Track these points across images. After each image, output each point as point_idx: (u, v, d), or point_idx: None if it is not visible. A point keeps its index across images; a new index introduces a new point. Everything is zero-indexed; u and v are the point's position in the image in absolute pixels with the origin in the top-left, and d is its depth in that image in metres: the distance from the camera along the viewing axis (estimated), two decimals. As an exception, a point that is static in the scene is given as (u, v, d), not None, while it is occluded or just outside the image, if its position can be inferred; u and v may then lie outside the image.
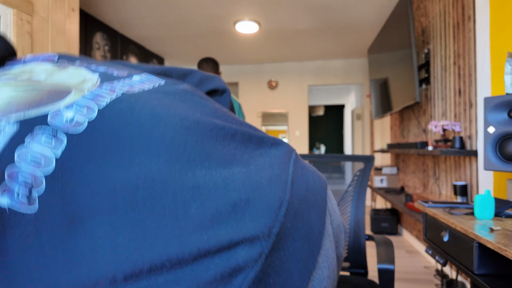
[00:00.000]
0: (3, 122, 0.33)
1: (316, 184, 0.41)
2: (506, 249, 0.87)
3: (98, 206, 0.29)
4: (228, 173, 0.34)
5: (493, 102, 1.31)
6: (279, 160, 0.39)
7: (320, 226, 0.36)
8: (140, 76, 0.45)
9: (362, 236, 1.30)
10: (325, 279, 0.35)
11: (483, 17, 1.89)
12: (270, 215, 0.32)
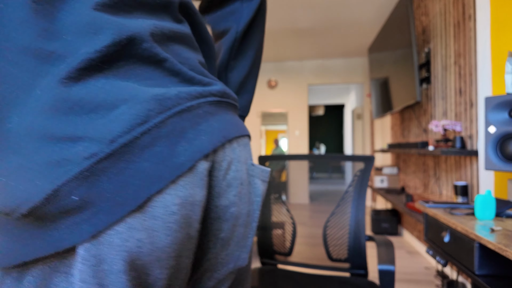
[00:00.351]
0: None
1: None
2: (507, 250, 0.87)
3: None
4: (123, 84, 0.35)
5: (494, 102, 1.31)
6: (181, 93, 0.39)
7: (187, 161, 0.36)
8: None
9: (363, 236, 1.29)
10: (175, 206, 0.34)
11: (483, 16, 1.89)
12: (125, 125, 0.32)
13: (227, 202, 0.43)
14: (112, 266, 0.32)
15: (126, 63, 0.36)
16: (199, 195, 0.37)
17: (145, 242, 0.33)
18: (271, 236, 1.42)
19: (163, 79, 0.39)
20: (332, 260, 1.34)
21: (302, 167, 1.40)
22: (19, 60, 0.32)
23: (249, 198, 0.46)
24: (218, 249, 0.44)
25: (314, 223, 1.38)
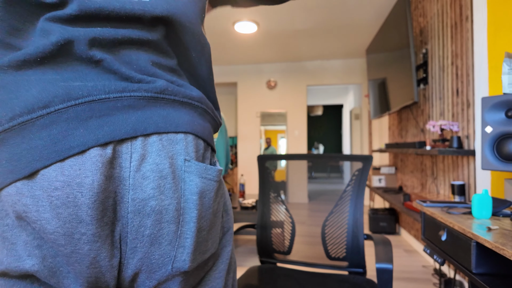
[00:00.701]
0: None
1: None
2: (503, 248, 0.87)
3: None
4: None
5: (490, 102, 1.32)
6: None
7: (78, 146, 0.40)
8: None
9: (361, 235, 1.30)
10: (58, 182, 0.39)
11: (480, 17, 1.90)
12: (26, 106, 0.38)
13: (144, 194, 0.43)
14: (11, 220, 0.39)
15: (65, 61, 0.41)
16: (90, 178, 0.39)
17: (31, 208, 0.38)
18: (270, 235, 1.43)
19: (101, 76, 0.43)
20: (331, 259, 1.35)
21: (301, 166, 1.41)
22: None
23: (176, 193, 0.46)
24: (147, 247, 0.44)
25: (313, 222, 1.40)
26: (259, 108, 5.89)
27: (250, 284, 1.21)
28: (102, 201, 0.41)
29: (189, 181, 0.47)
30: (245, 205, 3.11)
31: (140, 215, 0.43)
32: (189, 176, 0.47)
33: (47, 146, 0.38)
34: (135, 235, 0.44)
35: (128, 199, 0.43)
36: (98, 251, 0.41)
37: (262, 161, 1.45)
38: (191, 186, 0.47)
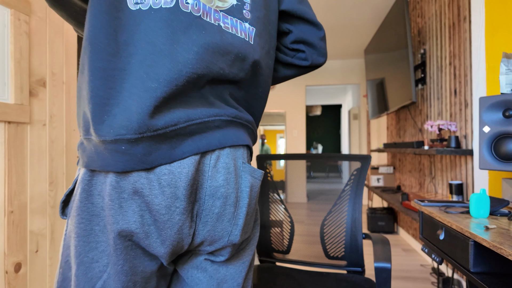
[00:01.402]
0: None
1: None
2: (501, 247, 0.88)
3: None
4: None
5: (488, 102, 1.33)
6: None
7: (184, 153, 0.58)
8: None
9: (359, 234, 1.31)
10: (167, 170, 0.55)
11: (478, 17, 1.91)
12: (162, 124, 0.54)
13: (217, 183, 0.59)
14: (127, 195, 0.54)
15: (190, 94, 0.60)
16: (186, 169, 0.55)
17: (146, 186, 0.54)
18: (270, 234, 1.43)
19: (203, 104, 0.60)
20: (330, 258, 1.35)
21: (300, 166, 1.42)
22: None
23: (236, 185, 0.61)
24: (214, 222, 0.60)
25: (311, 222, 1.40)
26: (258, 108, 5.89)
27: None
28: (191, 185, 0.56)
29: (244, 177, 0.63)
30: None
31: (213, 198, 0.59)
32: (244, 174, 0.63)
33: (168, 150, 0.54)
34: (207, 212, 0.59)
35: (206, 186, 0.58)
36: (184, 221, 0.56)
37: (261, 160, 1.46)
38: (245, 181, 0.63)
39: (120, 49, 0.52)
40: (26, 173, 1.65)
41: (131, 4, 0.52)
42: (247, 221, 0.63)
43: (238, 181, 0.62)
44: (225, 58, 0.60)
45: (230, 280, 0.65)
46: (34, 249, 1.71)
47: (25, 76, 1.64)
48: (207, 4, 0.59)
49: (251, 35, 0.65)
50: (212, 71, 0.58)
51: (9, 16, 1.56)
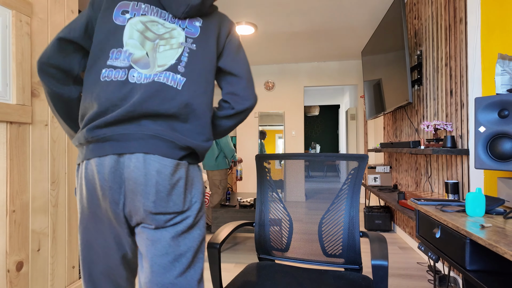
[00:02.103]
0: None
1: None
2: (496, 245, 0.89)
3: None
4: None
5: (484, 102, 1.35)
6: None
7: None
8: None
9: (357, 233, 1.33)
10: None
11: (474, 19, 1.94)
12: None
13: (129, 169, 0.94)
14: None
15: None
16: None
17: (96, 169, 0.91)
18: (269, 232, 1.45)
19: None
20: (327, 256, 1.37)
21: (298, 166, 1.43)
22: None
23: (145, 169, 0.90)
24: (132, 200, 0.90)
25: (310, 220, 1.42)
26: (257, 108, 5.92)
27: (249, 281, 1.23)
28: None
29: (152, 164, 0.90)
30: (243, 203, 3.13)
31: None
32: (153, 162, 0.90)
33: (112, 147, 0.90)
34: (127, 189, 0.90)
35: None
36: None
37: (261, 160, 1.48)
38: (152, 166, 0.89)
39: (93, 99, 0.92)
40: (28, 172, 1.66)
41: (103, 79, 0.93)
42: (162, 196, 0.89)
43: (146, 167, 0.88)
44: (156, 100, 0.92)
45: (165, 245, 0.92)
46: (36, 248, 1.72)
47: (26, 77, 1.65)
48: (148, 73, 0.94)
49: (180, 83, 0.96)
50: (148, 109, 0.91)
51: (10, 17, 1.57)
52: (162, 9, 1.02)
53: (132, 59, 0.95)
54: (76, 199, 1.06)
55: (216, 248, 1.16)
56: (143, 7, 1.00)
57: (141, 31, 0.97)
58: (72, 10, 2.00)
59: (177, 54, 0.99)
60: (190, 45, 1.02)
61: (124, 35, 0.96)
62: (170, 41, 1.00)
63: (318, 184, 1.46)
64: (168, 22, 1.01)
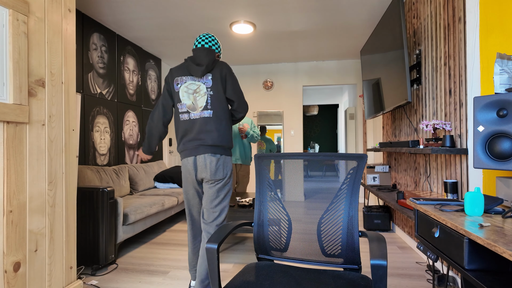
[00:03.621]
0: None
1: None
2: (495, 245, 0.89)
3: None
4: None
5: (482, 102, 1.35)
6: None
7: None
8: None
9: (356, 232, 1.32)
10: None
11: (473, 19, 1.94)
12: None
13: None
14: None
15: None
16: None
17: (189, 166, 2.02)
18: (268, 232, 1.45)
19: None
20: (326, 256, 1.37)
21: (297, 165, 1.43)
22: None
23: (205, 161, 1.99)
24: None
25: (309, 220, 1.42)
26: (256, 108, 5.92)
27: (248, 281, 1.23)
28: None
29: (207, 158, 2.00)
30: (242, 203, 3.12)
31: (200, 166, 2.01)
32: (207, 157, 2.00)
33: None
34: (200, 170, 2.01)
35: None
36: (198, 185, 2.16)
37: (259, 160, 1.47)
38: (207, 160, 1.99)
39: (180, 130, 2.00)
40: (25, 172, 1.66)
41: (181, 119, 1.98)
42: (212, 172, 1.95)
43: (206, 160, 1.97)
44: (204, 126, 1.94)
45: (213, 191, 1.99)
46: (33, 248, 1.71)
47: (23, 76, 1.64)
48: (196, 112, 1.94)
49: (210, 114, 1.94)
50: (202, 131, 1.95)
51: (7, 16, 1.56)
52: (191, 76, 1.97)
53: (187, 107, 1.96)
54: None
55: (215, 248, 1.16)
56: (183, 78, 1.98)
57: (185, 91, 1.97)
58: (69, 9, 1.99)
59: (205, 99, 1.94)
60: (209, 92, 1.95)
61: (180, 95, 1.98)
62: (200, 93, 1.95)
63: (317, 184, 1.45)
64: (195, 82, 1.96)
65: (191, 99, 1.91)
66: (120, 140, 4.34)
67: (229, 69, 1.98)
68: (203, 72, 1.91)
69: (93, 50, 3.79)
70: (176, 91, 1.96)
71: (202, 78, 1.93)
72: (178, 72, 1.99)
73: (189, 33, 4.29)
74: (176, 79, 1.97)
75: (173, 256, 2.95)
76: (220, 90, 1.93)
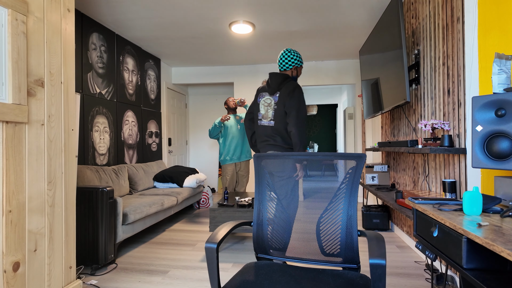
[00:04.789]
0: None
1: None
2: (493, 244, 0.89)
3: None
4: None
5: (481, 102, 1.35)
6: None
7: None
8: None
9: (354, 232, 1.33)
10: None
11: (471, 18, 1.94)
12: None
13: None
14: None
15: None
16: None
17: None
18: (267, 232, 1.45)
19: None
20: (325, 255, 1.37)
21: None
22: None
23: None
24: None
25: (308, 219, 1.42)
26: (254, 107, 5.92)
27: (247, 280, 1.23)
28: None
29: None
30: (241, 203, 3.13)
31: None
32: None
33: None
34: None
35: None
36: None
37: (259, 159, 1.47)
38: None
39: (257, 133, 2.68)
40: (24, 172, 1.66)
41: (259, 124, 2.64)
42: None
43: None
44: (271, 131, 2.56)
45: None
46: (33, 248, 1.71)
47: (22, 76, 1.64)
48: (267, 121, 2.57)
49: (273, 123, 2.55)
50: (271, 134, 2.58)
51: (6, 16, 1.56)
52: (267, 92, 2.61)
53: (261, 116, 2.60)
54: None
55: (214, 247, 1.16)
56: (263, 94, 2.64)
57: (262, 103, 2.61)
58: (68, 9, 1.99)
59: (272, 112, 2.53)
60: (275, 106, 2.53)
61: (260, 105, 2.63)
62: (271, 106, 2.55)
63: (316, 183, 1.46)
64: (269, 97, 2.58)
65: (265, 109, 2.60)
66: (120, 140, 4.34)
67: (292, 89, 2.49)
68: (273, 92, 2.57)
69: (92, 50, 3.79)
70: (257, 103, 2.68)
71: (273, 95, 2.57)
72: (263, 89, 2.69)
73: (189, 33, 4.29)
74: (259, 94, 2.69)
75: (173, 256, 2.95)
76: (281, 107, 2.50)
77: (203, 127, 7.31)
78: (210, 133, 4.08)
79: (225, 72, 6.03)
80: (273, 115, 2.52)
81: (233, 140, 4.05)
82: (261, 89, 2.68)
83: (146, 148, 5.08)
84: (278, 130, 2.51)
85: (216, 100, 7.33)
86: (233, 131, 4.06)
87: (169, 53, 5.22)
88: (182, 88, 6.81)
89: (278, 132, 2.51)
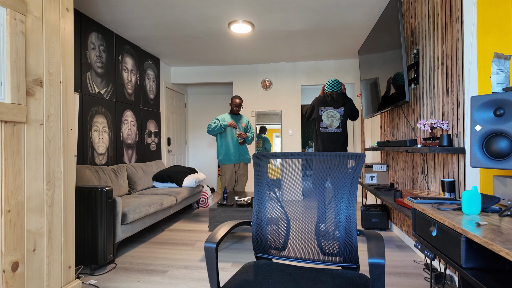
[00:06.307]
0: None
1: None
2: (492, 243, 0.90)
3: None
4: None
5: (480, 101, 1.36)
6: None
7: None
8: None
9: (354, 231, 1.33)
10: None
11: (470, 18, 1.94)
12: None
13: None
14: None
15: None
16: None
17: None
18: (266, 231, 1.45)
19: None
20: (325, 254, 1.37)
21: (295, 165, 1.44)
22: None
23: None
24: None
25: (307, 219, 1.42)
26: (255, 107, 5.91)
27: (246, 280, 1.23)
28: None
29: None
30: (241, 202, 3.13)
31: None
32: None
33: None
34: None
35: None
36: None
37: (258, 159, 1.47)
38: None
39: (320, 139, 3.60)
40: (23, 172, 1.65)
41: (322, 131, 3.55)
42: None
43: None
44: (337, 137, 3.54)
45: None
46: (32, 248, 1.71)
47: (21, 76, 1.64)
48: (332, 129, 3.52)
49: (340, 131, 3.53)
50: (337, 141, 3.57)
51: (5, 15, 1.56)
52: (331, 106, 3.54)
53: (325, 125, 3.53)
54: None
55: (214, 247, 1.16)
56: (325, 107, 3.55)
57: (326, 115, 3.54)
58: (67, 8, 1.99)
59: (338, 122, 3.51)
60: (341, 118, 3.51)
61: (322, 117, 3.55)
62: (336, 117, 3.52)
63: (315, 183, 1.45)
64: (333, 110, 3.53)
65: (329, 120, 3.49)
66: (119, 139, 4.33)
67: (352, 103, 3.58)
68: (338, 106, 3.51)
69: (91, 50, 3.78)
70: (320, 114, 3.53)
71: (338, 109, 3.50)
72: (323, 103, 3.55)
73: (188, 33, 4.29)
74: (320, 107, 3.54)
75: (172, 256, 2.95)
76: (346, 118, 3.52)
77: (202, 126, 7.30)
78: (211, 129, 4.06)
79: (224, 72, 6.03)
80: (340, 124, 3.50)
81: (233, 143, 4.10)
82: (320, 103, 3.55)
83: (145, 148, 5.07)
84: (344, 135, 3.51)
85: (215, 100, 7.32)
86: (233, 134, 4.09)
87: (168, 52, 5.22)
88: (181, 88, 6.80)
89: (344, 135, 3.51)
